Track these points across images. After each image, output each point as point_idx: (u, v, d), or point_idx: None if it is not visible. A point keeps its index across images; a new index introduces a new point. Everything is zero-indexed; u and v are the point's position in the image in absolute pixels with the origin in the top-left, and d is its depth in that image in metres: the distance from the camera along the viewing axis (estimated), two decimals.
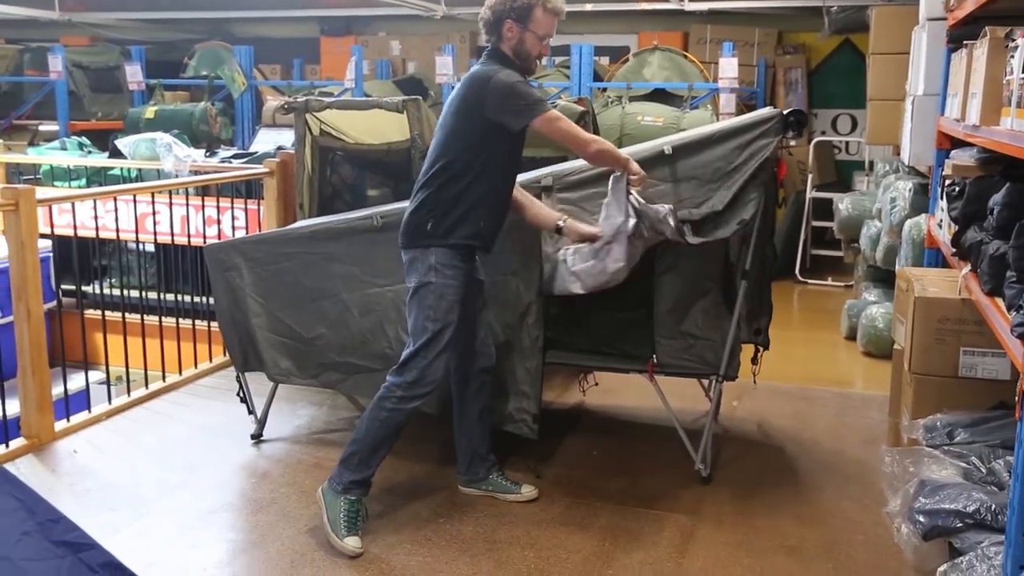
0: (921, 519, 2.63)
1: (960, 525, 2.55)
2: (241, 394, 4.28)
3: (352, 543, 3.25)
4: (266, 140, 8.34)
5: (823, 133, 9.77)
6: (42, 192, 4.48)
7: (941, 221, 3.98)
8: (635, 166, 3.38)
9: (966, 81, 3.60)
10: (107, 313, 5.02)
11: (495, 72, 3.21)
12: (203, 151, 7.04)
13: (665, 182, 3.71)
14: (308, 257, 4.00)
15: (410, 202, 3.40)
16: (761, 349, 4.22)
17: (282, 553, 3.25)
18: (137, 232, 5.00)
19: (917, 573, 3.05)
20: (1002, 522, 2.50)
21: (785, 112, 3.62)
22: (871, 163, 8.25)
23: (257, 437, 4.27)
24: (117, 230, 4.99)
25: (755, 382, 4.26)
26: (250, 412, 4.32)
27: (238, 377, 4.26)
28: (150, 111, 8.74)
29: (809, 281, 8.17)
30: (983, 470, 2.87)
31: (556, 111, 3.30)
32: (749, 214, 3.57)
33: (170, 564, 3.18)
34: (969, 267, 3.20)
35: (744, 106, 8.29)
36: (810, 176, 8.53)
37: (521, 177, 3.60)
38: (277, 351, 4.09)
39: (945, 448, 3.04)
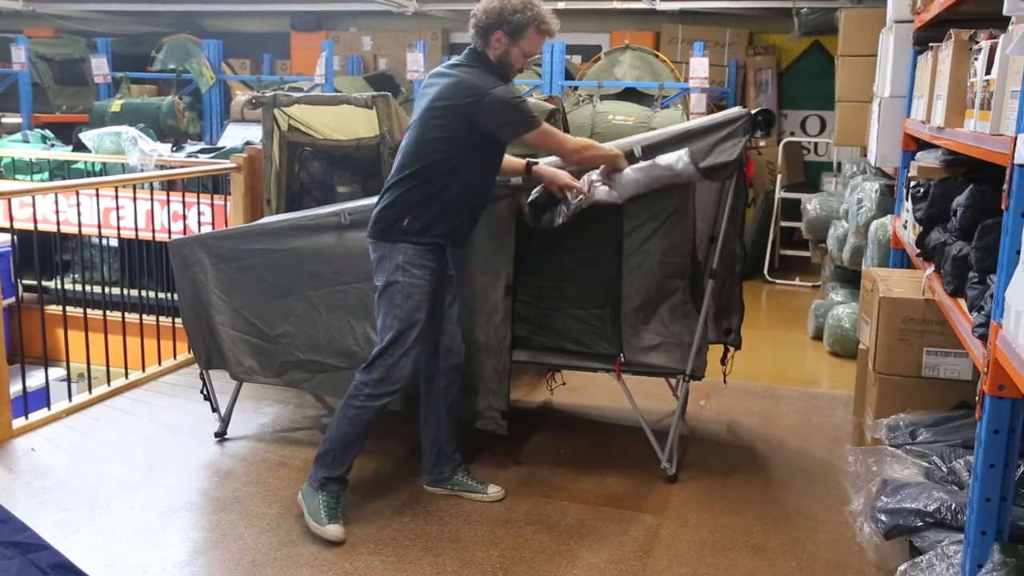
0: (883, 518, 2.64)
1: (921, 524, 2.57)
2: (205, 392, 4.23)
3: (333, 529, 3.27)
4: (234, 135, 8.25)
5: (792, 134, 9.83)
6: (2, 185, 4.40)
7: (906, 222, 4.01)
8: (624, 162, 3.52)
9: (931, 83, 3.62)
10: (69, 309, 4.92)
11: (489, 86, 3.21)
12: (169, 145, 6.94)
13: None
14: (274, 254, 3.95)
15: (380, 197, 3.38)
16: (732, 349, 4.23)
17: (244, 552, 3.21)
18: (100, 227, 4.91)
19: (879, 571, 3.07)
20: (962, 521, 2.52)
21: (754, 112, 3.63)
22: (839, 164, 8.32)
23: (221, 435, 4.22)
24: (79, 224, 4.89)
25: (725, 382, 4.28)
26: (214, 410, 4.27)
27: (202, 375, 4.21)
28: (116, 104, 8.61)
29: (777, 281, 8.22)
30: (944, 469, 2.89)
31: (548, 125, 3.37)
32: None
33: (128, 564, 3.12)
34: (933, 268, 3.22)
35: (715, 106, 8.33)
36: (779, 176, 8.58)
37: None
38: (241, 349, 4.05)
39: (907, 447, 3.06)
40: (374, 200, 3.46)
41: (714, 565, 3.19)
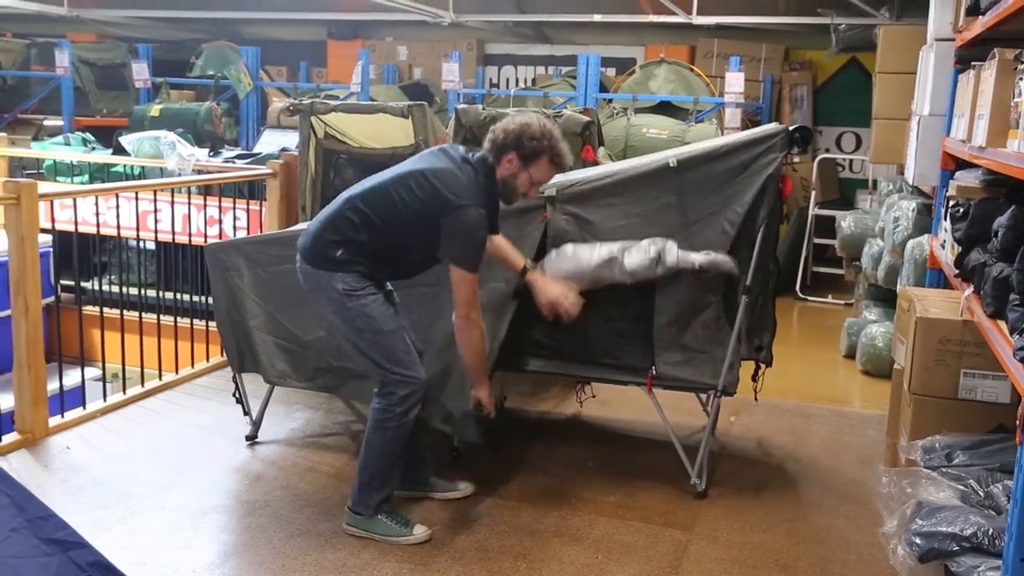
0: (918, 541, 2.61)
1: (957, 548, 2.53)
2: (237, 395, 4.26)
3: (419, 531, 3.36)
4: (270, 141, 8.35)
5: (827, 151, 9.77)
6: (44, 187, 4.47)
7: (944, 242, 3.97)
8: (483, 393, 3.50)
9: (973, 102, 3.59)
10: (105, 310, 4.99)
11: (471, 201, 3.19)
12: (207, 150, 7.03)
13: (669, 195, 3.72)
14: None
15: (323, 214, 3.37)
16: (763, 366, 4.20)
17: (273, 556, 3.23)
18: (138, 230, 4.98)
19: None
20: (999, 547, 2.48)
21: (791, 128, 3.62)
22: (874, 182, 8.25)
23: (252, 439, 4.25)
24: (118, 227, 4.96)
25: (756, 399, 4.24)
26: (245, 413, 4.30)
27: (234, 378, 4.25)
28: (155, 109, 8.74)
29: (809, 298, 8.16)
30: (981, 493, 2.85)
31: (472, 284, 3.26)
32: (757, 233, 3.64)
33: (160, 564, 3.15)
34: (972, 288, 3.19)
35: (749, 121, 8.30)
36: (813, 193, 8.52)
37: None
38: (274, 353, 4.08)
39: (943, 470, 3.02)
40: None
41: None
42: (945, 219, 3.99)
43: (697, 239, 3.75)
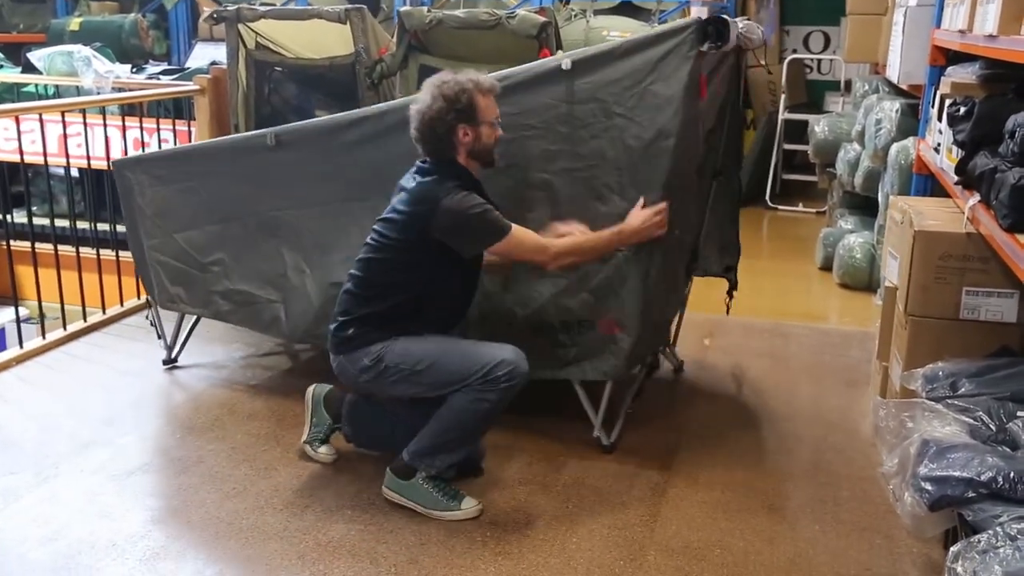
0: (927, 487, 2.31)
1: (973, 495, 2.24)
2: (150, 319, 4.07)
3: (468, 504, 2.92)
4: (203, 55, 7.78)
5: (795, 51, 9.32)
6: None
7: (939, 145, 3.61)
8: (631, 227, 2.96)
9: None
10: (17, 244, 4.49)
11: (445, 195, 2.79)
12: (129, 67, 6.43)
13: (562, 104, 3.08)
14: (215, 177, 3.68)
15: (338, 300, 2.99)
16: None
17: (205, 523, 2.87)
18: (45, 157, 4.45)
19: (911, 538, 2.77)
20: (1023, 493, 2.19)
21: (704, 19, 3.02)
22: (847, 82, 7.85)
23: (169, 363, 4.04)
24: (20, 152, 4.43)
25: (728, 312, 3.99)
26: (159, 336, 4.07)
27: (147, 302, 4.05)
28: (75, 23, 8.06)
29: (780, 207, 7.83)
30: (992, 427, 2.56)
31: (520, 230, 2.85)
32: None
33: (73, 538, 2.77)
34: (977, 197, 2.84)
35: None
36: (783, 97, 8.11)
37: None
38: (168, 275, 3.83)
39: (947, 401, 2.72)
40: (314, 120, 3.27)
41: (728, 530, 2.87)
42: (939, 120, 3.63)
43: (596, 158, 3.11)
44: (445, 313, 2.99)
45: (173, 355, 4.07)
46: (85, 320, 4.57)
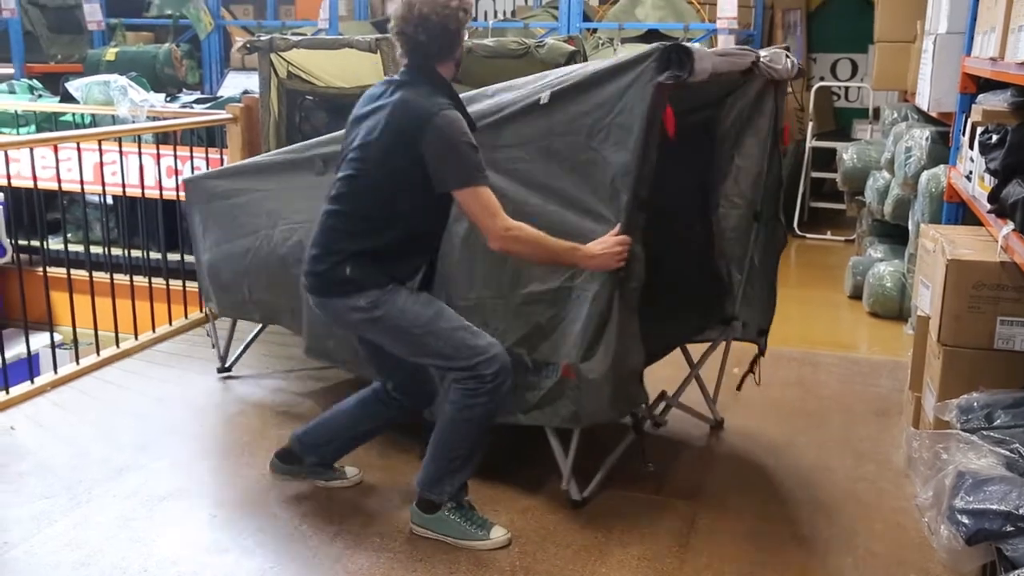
0: (964, 521, 2.28)
1: (1011, 529, 2.21)
2: (206, 331, 4.39)
3: (498, 534, 2.90)
4: (235, 84, 7.87)
5: (822, 79, 9.31)
6: None
7: (970, 172, 3.59)
8: (590, 250, 2.78)
9: (1007, 13, 3.19)
10: (52, 270, 4.56)
11: (440, 110, 2.65)
12: (163, 96, 6.54)
13: (542, 139, 2.95)
14: (250, 193, 3.88)
15: (311, 240, 2.88)
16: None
17: (235, 548, 2.89)
18: (82, 184, 4.53)
19: (950, 574, 2.73)
20: None
21: (666, 46, 2.77)
22: (876, 110, 7.83)
23: (223, 371, 4.28)
24: (58, 180, 4.50)
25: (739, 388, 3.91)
26: (213, 346, 4.32)
27: (207, 313, 4.31)
28: (111, 53, 8.20)
29: (808, 235, 7.79)
30: None
31: (489, 191, 2.69)
32: None
33: (105, 564, 2.80)
34: (1012, 226, 2.82)
35: None
36: (810, 124, 8.10)
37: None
38: (219, 285, 4.04)
39: (983, 433, 2.69)
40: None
41: (760, 562, 2.85)
42: (971, 148, 3.61)
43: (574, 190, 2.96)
44: (426, 258, 2.90)
45: (227, 364, 4.30)
46: (118, 346, 4.62)
